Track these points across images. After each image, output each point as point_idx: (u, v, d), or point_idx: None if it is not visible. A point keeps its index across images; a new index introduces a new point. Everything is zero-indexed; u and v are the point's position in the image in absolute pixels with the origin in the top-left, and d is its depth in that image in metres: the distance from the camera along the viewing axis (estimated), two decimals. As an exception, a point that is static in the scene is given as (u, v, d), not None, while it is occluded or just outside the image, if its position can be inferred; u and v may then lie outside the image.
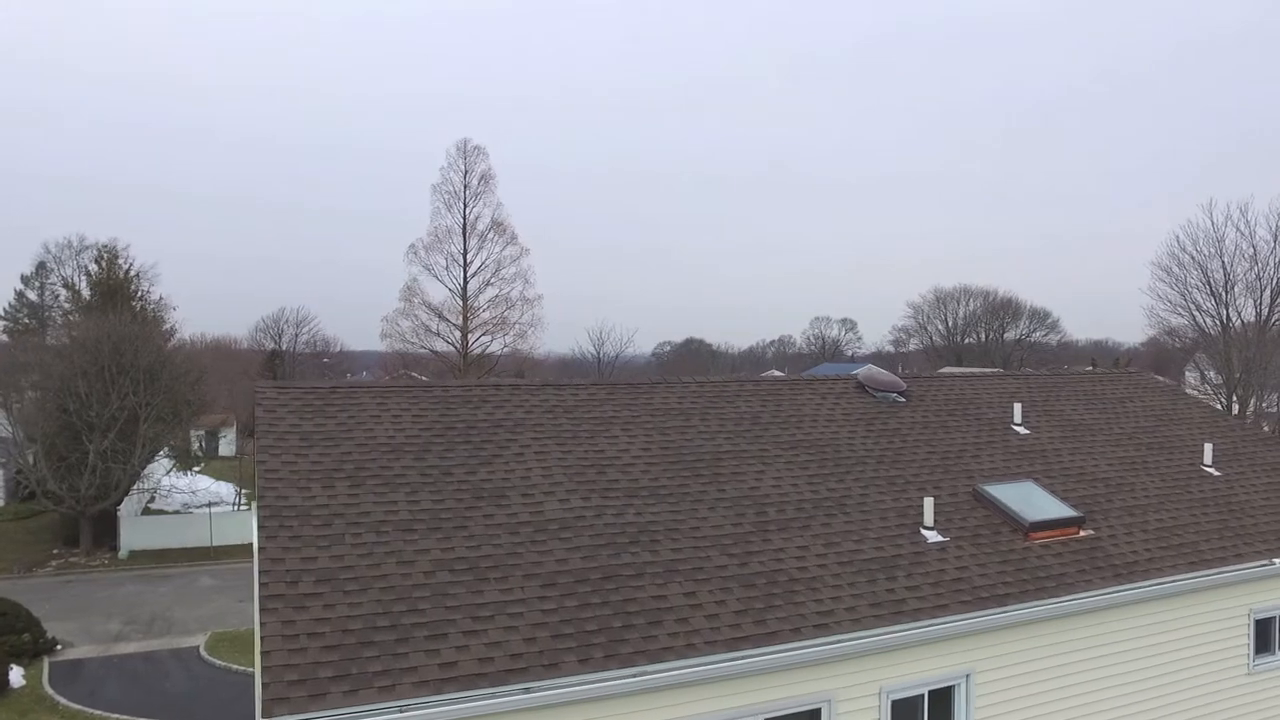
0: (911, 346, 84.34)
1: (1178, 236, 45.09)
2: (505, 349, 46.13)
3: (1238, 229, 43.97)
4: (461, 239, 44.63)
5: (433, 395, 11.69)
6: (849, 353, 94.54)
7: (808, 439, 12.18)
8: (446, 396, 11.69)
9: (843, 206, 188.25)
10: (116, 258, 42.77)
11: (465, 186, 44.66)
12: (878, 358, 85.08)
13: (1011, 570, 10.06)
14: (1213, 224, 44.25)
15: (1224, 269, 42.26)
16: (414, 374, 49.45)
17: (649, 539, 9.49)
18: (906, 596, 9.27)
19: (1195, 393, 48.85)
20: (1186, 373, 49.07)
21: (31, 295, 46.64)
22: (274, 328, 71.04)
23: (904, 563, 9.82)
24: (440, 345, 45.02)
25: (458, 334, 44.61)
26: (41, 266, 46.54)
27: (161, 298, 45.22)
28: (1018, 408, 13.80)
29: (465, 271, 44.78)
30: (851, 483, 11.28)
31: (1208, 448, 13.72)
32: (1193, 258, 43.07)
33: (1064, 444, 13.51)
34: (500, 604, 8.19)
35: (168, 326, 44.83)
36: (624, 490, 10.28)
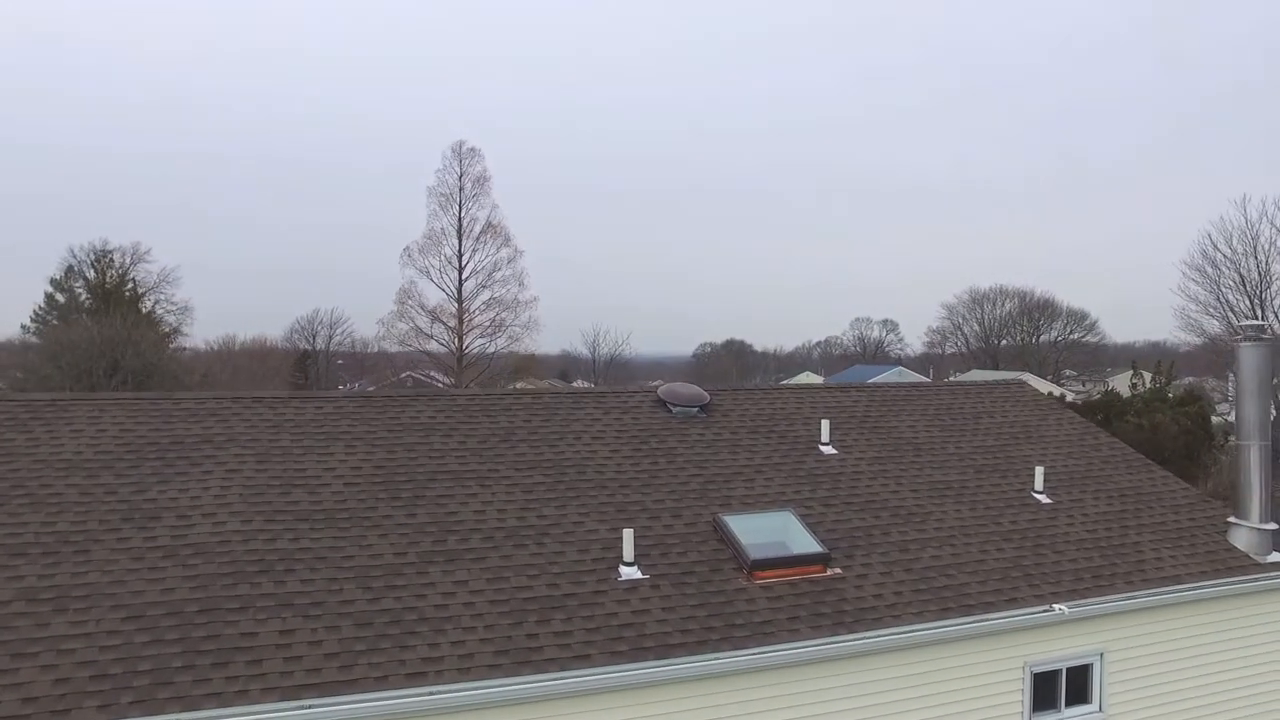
0: (948, 349, 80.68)
1: (1209, 234, 41.46)
2: (503, 349, 45.78)
3: (1274, 225, 40.23)
4: (456, 241, 44.61)
5: (157, 408, 11.22)
6: (895, 354, 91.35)
7: (556, 459, 11.25)
8: (171, 409, 11.20)
9: (896, 210, 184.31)
10: (112, 262, 44.41)
11: (460, 189, 44.65)
12: (918, 361, 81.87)
13: (704, 616, 8.94)
14: (1246, 220, 40.62)
15: (1259, 268, 38.80)
16: (416, 376, 49.79)
17: (285, 568, 8.77)
18: (547, 645, 8.30)
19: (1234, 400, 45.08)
20: (1230, 378, 45.41)
21: (61, 299, 48.69)
22: (308, 329, 73.02)
23: (572, 604, 8.83)
24: (435, 348, 45.05)
25: (453, 337, 44.55)
26: (70, 270, 48.61)
27: (157, 302, 46.70)
28: (825, 425, 12.51)
29: (460, 274, 44.74)
30: (574, 509, 10.32)
31: (1039, 471, 12.17)
32: (1225, 256, 39.72)
33: (873, 466, 12.18)
34: (58, 639, 7.59)
35: (168, 330, 46.22)
36: (297, 514, 9.59)
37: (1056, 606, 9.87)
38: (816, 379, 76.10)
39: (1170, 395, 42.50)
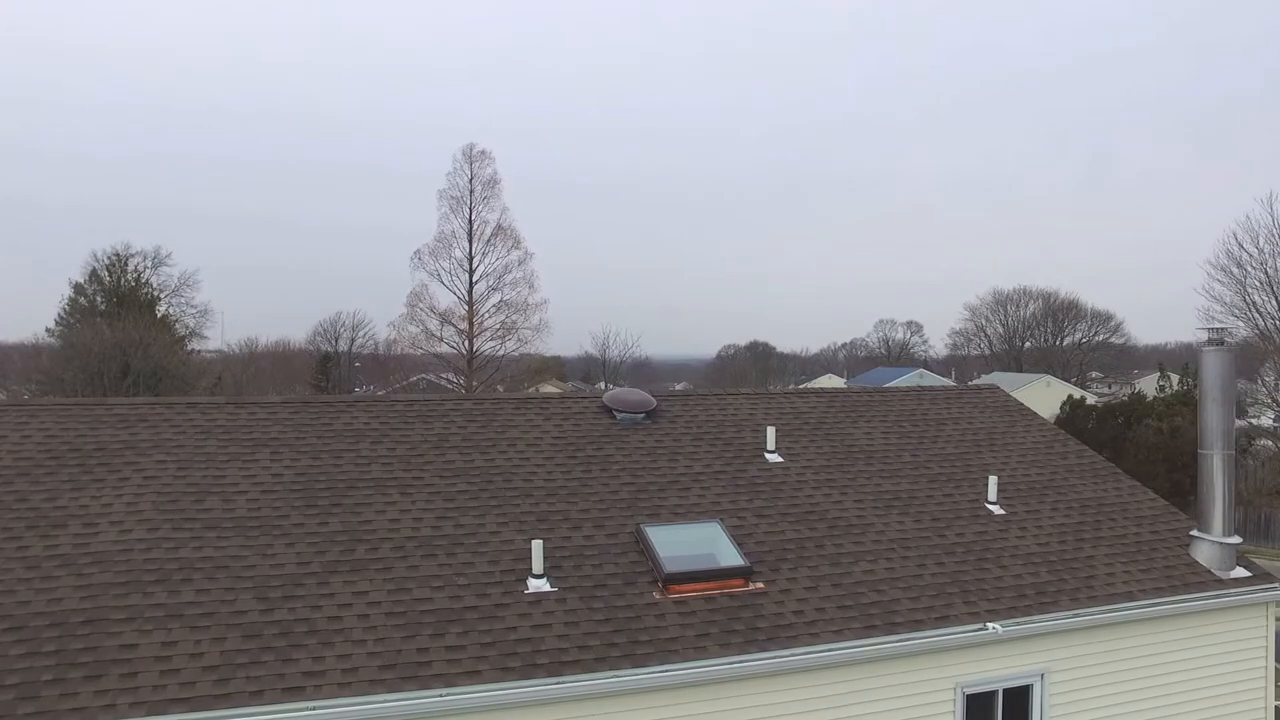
0: (971, 351, 79.03)
1: (1234, 234, 40.07)
2: (513, 352, 45.80)
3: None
4: (467, 244, 44.70)
5: (89, 414, 11.19)
6: (920, 356, 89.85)
7: (485, 466, 11.01)
8: (103, 415, 11.16)
9: (918, 211, 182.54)
10: (126, 266, 45.19)
11: (470, 191, 44.72)
12: (944, 363, 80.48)
13: (608, 632, 8.63)
14: (1273, 219, 39.15)
15: (1287, 267, 37.32)
16: (430, 378, 49.98)
17: (183, 578, 8.63)
18: (437, 659, 8.05)
19: (1268, 404, 43.61)
20: (1259, 381, 43.93)
21: (84, 302, 49.59)
22: (331, 332, 73.84)
23: (472, 617, 8.58)
24: (445, 351, 45.19)
25: (463, 339, 44.64)
26: (93, 274, 49.50)
27: (171, 306, 47.41)
28: (771, 432, 12.13)
29: (471, 277, 44.82)
30: (493, 518, 10.07)
31: (992, 481, 11.67)
32: (1251, 256, 38.32)
33: (819, 475, 11.77)
34: (-66, 650, 7.52)
35: (185, 332, 46.90)
36: (207, 521, 9.46)
37: (990, 625, 9.40)
38: (838, 381, 75.21)
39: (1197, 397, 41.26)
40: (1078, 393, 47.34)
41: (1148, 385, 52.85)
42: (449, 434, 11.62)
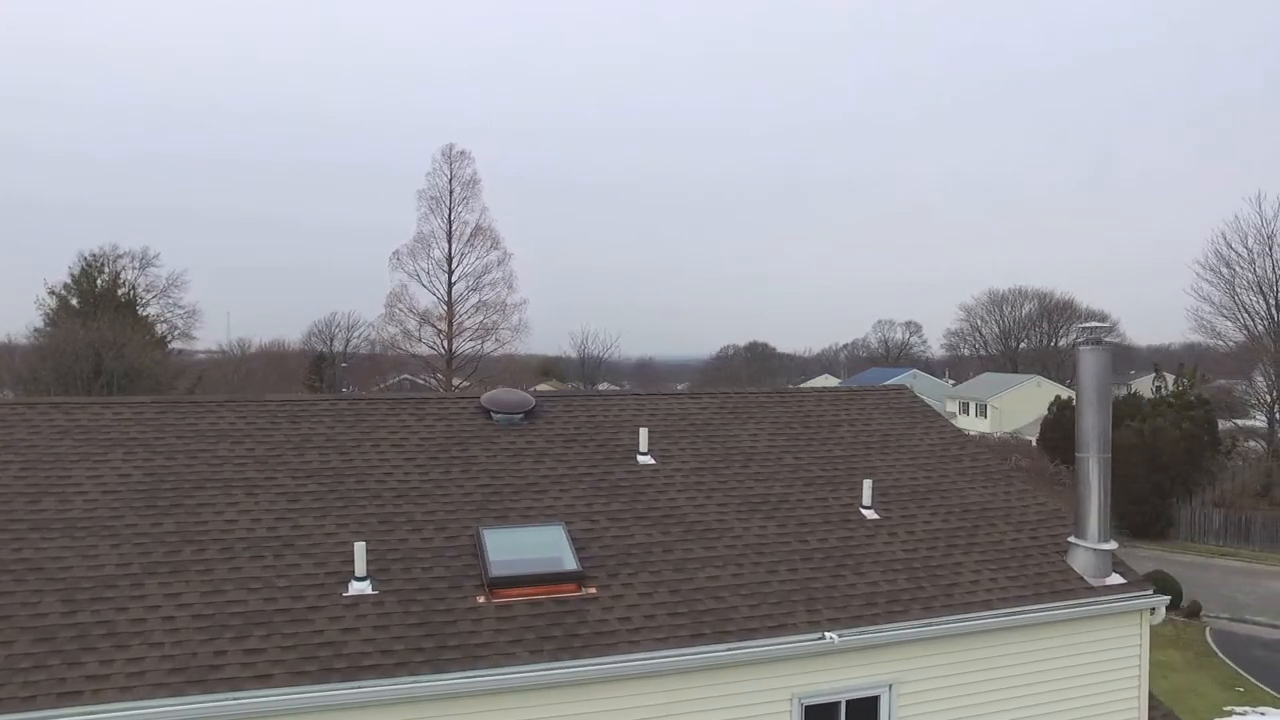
0: (965, 352, 78.09)
1: (1224, 234, 39.40)
2: (494, 351, 45.79)
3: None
4: (446, 244, 44.71)
5: (-45, 413, 11.14)
6: (922, 356, 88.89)
7: (341, 467, 10.85)
8: (-36, 414, 11.11)
9: (923, 211, 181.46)
10: (103, 268, 45.62)
11: (450, 192, 44.71)
12: (944, 363, 79.66)
13: (417, 636, 8.43)
14: (1261, 218, 38.47)
15: (1274, 267, 36.59)
16: (413, 379, 50.07)
17: (-9, 580, 8.52)
18: (231, 663, 7.89)
19: (1259, 405, 42.76)
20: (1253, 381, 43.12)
21: (75, 303, 50.06)
22: (326, 331, 74.28)
23: (280, 620, 8.41)
24: (425, 351, 45.27)
25: (442, 340, 44.66)
26: (80, 274, 49.92)
27: (158, 308, 47.71)
28: (644, 433, 11.88)
29: (450, 277, 44.83)
30: (333, 520, 9.90)
31: (867, 485, 11.36)
32: (1239, 255, 37.62)
33: (688, 478, 11.51)
34: None
35: (166, 332, 47.28)
36: (35, 522, 9.36)
37: (828, 635, 9.12)
38: (834, 382, 74.64)
39: (1194, 398, 40.51)
40: (1065, 393, 46.62)
41: (1144, 386, 52.00)
42: (314, 434, 11.47)
